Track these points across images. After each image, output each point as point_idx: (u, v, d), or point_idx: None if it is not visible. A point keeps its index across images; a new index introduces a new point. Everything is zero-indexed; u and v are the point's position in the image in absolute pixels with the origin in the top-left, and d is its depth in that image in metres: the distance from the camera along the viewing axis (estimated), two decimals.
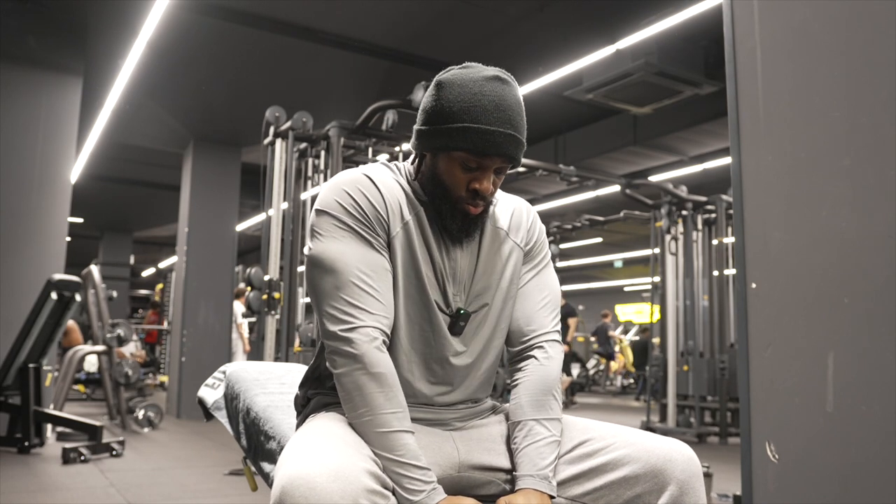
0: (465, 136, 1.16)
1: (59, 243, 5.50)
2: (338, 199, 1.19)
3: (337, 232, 1.18)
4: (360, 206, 1.18)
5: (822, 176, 1.45)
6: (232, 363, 1.62)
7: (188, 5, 4.96)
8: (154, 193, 10.76)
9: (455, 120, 1.17)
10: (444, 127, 1.18)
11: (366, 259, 1.17)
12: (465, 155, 1.18)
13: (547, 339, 1.33)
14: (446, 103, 1.18)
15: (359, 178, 1.21)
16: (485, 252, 1.30)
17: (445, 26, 5.51)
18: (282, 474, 0.98)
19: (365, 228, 1.18)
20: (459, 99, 1.17)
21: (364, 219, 1.18)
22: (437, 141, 1.19)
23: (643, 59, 5.18)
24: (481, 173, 1.19)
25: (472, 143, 1.16)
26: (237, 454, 4.29)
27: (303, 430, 1.17)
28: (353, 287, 1.14)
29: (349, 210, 1.18)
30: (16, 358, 4.85)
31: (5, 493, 3.49)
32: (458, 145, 1.17)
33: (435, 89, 1.22)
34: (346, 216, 1.18)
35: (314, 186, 5.18)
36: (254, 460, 1.40)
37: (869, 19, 1.40)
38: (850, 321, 1.40)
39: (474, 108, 1.16)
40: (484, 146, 1.16)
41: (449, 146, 1.18)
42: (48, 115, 5.47)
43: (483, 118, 1.16)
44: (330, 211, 1.18)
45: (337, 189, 1.20)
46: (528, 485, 1.17)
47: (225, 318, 7.94)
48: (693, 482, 1.17)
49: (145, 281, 18.80)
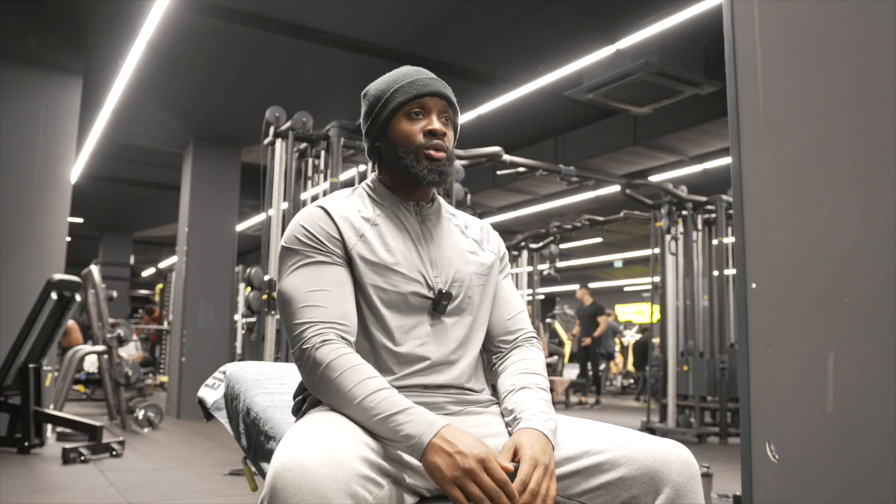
0: (397, 94, 1.33)
1: (59, 243, 5.50)
2: (293, 233, 1.30)
3: (293, 263, 1.28)
4: (310, 232, 1.29)
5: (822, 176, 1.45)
6: (232, 363, 1.62)
7: (188, 5, 4.96)
8: (154, 193, 10.76)
9: (385, 93, 1.35)
10: (380, 104, 1.35)
11: (317, 279, 1.25)
12: (405, 107, 1.33)
13: (529, 337, 1.43)
14: (372, 91, 1.38)
15: (311, 210, 1.33)
16: (459, 244, 1.40)
17: (445, 26, 5.52)
18: (275, 459, 0.99)
19: (316, 251, 1.27)
20: (380, 81, 1.38)
21: (315, 242, 1.28)
22: (380, 118, 1.34)
23: (643, 59, 5.18)
24: (427, 118, 1.33)
25: (404, 93, 1.33)
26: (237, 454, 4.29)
27: (298, 423, 1.18)
28: (304, 309, 1.22)
29: (301, 239, 1.28)
30: (16, 358, 4.85)
31: (5, 493, 3.49)
32: (395, 104, 1.33)
33: (362, 98, 1.41)
34: (299, 245, 1.28)
35: (314, 186, 5.18)
36: (254, 460, 1.40)
37: (869, 19, 1.40)
38: (850, 321, 1.40)
39: (395, 75, 1.37)
40: (416, 89, 1.33)
41: (389, 112, 1.33)
42: (48, 115, 5.47)
43: (405, 78, 1.35)
44: (287, 245, 1.30)
45: (293, 225, 1.32)
46: (527, 426, 1.18)
47: (225, 318, 7.94)
48: (689, 485, 1.15)
49: (145, 281, 18.78)
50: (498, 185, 9.17)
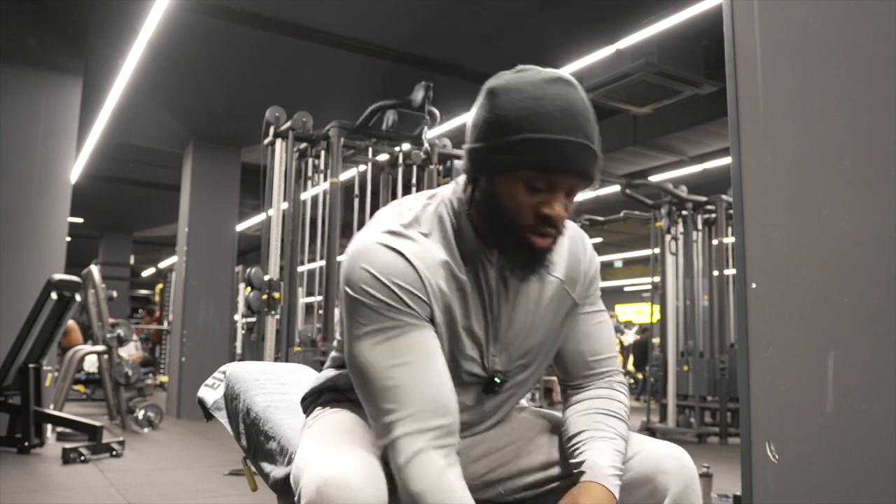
0: (527, 148, 0.98)
1: (59, 243, 5.50)
2: (361, 283, 1.02)
3: (366, 323, 1.03)
4: (388, 286, 1.02)
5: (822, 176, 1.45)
6: (232, 363, 1.62)
7: (188, 5, 4.96)
8: (154, 193, 10.76)
9: (514, 131, 0.98)
10: (502, 141, 0.99)
11: (401, 348, 1.02)
12: (529, 173, 0.99)
13: (616, 378, 1.23)
14: (501, 112, 0.99)
15: (386, 255, 1.03)
16: (534, 307, 1.15)
17: (445, 26, 5.51)
18: (314, 473, 0.95)
19: (396, 311, 1.02)
20: (518, 106, 0.99)
21: (394, 300, 1.02)
22: (494, 159, 1.01)
23: (643, 59, 5.18)
24: (550, 195, 1.01)
25: (537, 156, 0.98)
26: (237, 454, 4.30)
27: (320, 423, 1.14)
28: (388, 392, 1.01)
29: (375, 294, 1.02)
30: (16, 358, 4.84)
31: (5, 493, 3.49)
32: (520, 161, 0.99)
33: (486, 99, 1.03)
34: (372, 300, 1.02)
35: (314, 186, 5.17)
36: (254, 460, 1.40)
37: (869, 19, 1.40)
38: (850, 321, 1.40)
39: (537, 114, 0.98)
40: (552, 160, 0.98)
41: (509, 164, 0.99)
42: (48, 115, 5.47)
43: (548, 126, 0.98)
44: (354, 294, 1.03)
45: (359, 269, 1.03)
46: (591, 479, 1.07)
47: (225, 318, 7.94)
48: (687, 492, 1.12)
49: (145, 281, 18.78)
50: None
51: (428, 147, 5.06)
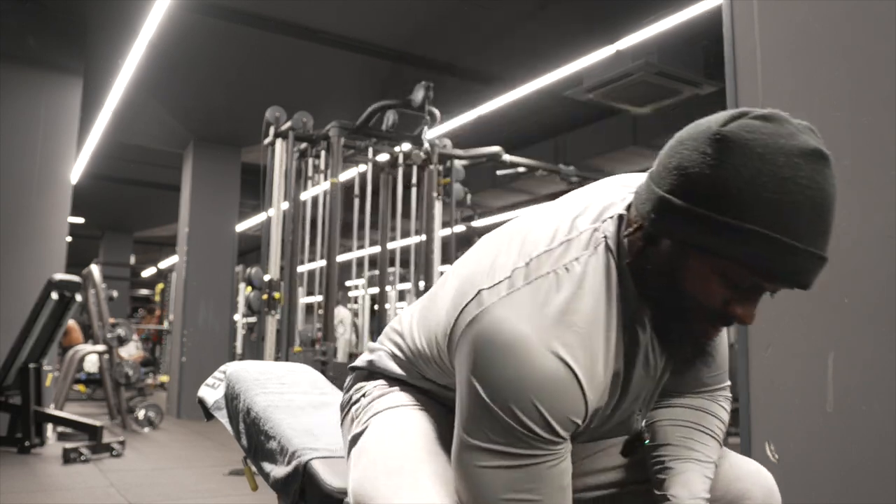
0: (756, 246, 0.75)
1: (60, 243, 5.50)
2: (522, 415, 0.81)
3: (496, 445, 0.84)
4: (551, 424, 0.82)
5: None
6: (232, 363, 1.62)
7: (188, 5, 4.96)
8: (154, 193, 10.76)
9: (745, 215, 0.75)
10: (723, 220, 0.76)
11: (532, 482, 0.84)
12: (742, 271, 0.79)
13: (721, 391, 1.14)
14: (735, 183, 0.75)
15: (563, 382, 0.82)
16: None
17: (445, 26, 5.51)
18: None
19: (547, 451, 0.84)
20: (758, 182, 0.74)
21: (552, 438, 0.83)
22: (704, 237, 0.78)
23: (643, 59, 5.18)
24: (751, 297, 0.83)
25: (765, 261, 0.77)
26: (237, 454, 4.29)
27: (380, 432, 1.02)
28: None
29: (533, 428, 0.82)
30: (16, 358, 4.85)
31: (5, 493, 3.49)
32: (738, 255, 0.77)
33: (715, 149, 0.76)
34: (524, 431, 0.82)
35: (314, 186, 5.17)
36: (254, 460, 1.40)
37: (869, 19, 1.40)
38: (850, 321, 1.40)
39: (782, 205, 0.74)
40: (782, 270, 0.78)
41: (721, 251, 0.77)
42: (48, 115, 5.47)
43: (793, 227, 0.75)
44: (503, 417, 0.82)
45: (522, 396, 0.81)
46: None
47: (225, 318, 7.94)
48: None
49: (146, 281, 18.78)
50: (498, 185, 9.16)
51: (428, 147, 5.06)
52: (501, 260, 0.90)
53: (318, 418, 1.43)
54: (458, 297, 0.91)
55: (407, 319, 1.10)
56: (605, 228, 0.89)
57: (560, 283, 0.85)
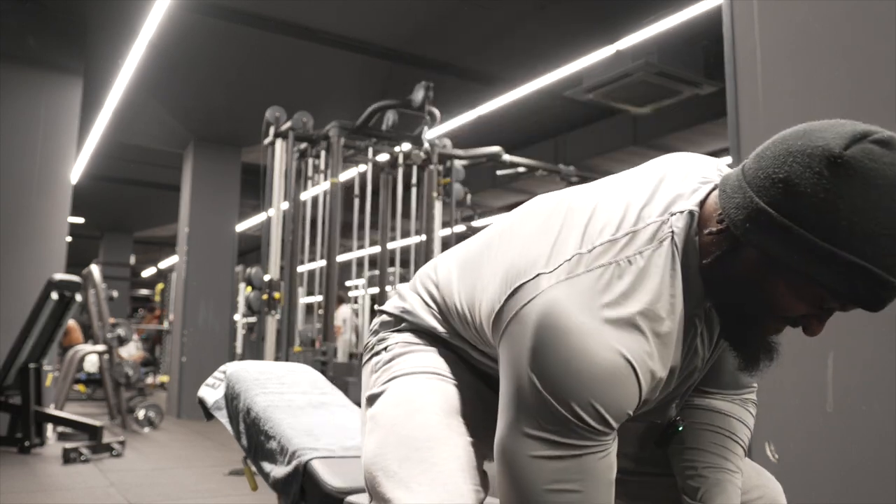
0: (853, 277, 0.74)
1: (60, 243, 5.50)
2: (580, 411, 0.81)
3: (545, 434, 0.83)
4: (605, 416, 0.82)
5: None
6: (232, 363, 1.62)
7: (188, 5, 4.96)
8: (154, 193, 10.76)
9: (850, 246, 0.73)
10: (828, 249, 0.74)
11: (577, 473, 0.83)
12: (825, 295, 0.79)
13: (752, 396, 1.13)
14: (848, 213, 0.73)
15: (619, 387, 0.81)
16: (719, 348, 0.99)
17: (445, 26, 5.51)
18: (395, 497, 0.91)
19: (598, 442, 0.83)
20: (873, 216, 0.72)
21: (604, 430, 0.83)
22: (802, 260, 0.76)
23: (643, 59, 5.18)
24: (824, 318, 0.84)
25: (858, 292, 0.76)
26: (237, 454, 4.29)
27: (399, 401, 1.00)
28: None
29: (587, 424, 0.81)
30: (16, 358, 4.85)
31: (5, 493, 3.49)
32: (835, 286, 0.76)
33: (834, 174, 0.73)
34: (579, 426, 0.81)
35: (314, 186, 5.18)
36: (254, 460, 1.41)
37: (869, 19, 1.40)
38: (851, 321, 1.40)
39: (891, 241, 0.73)
40: (871, 300, 0.77)
41: (818, 278, 0.76)
42: (48, 115, 5.47)
43: (891, 262, 0.74)
44: (559, 410, 0.81)
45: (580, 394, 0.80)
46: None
47: (225, 318, 7.94)
48: None
49: (146, 281, 18.79)
50: (498, 185, 9.16)
51: (428, 147, 5.06)
52: (562, 242, 0.87)
53: (318, 418, 1.43)
54: (512, 275, 0.88)
55: (444, 272, 1.06)
56: (674, 223, 0.86)
57: (622, 274, 0.83)
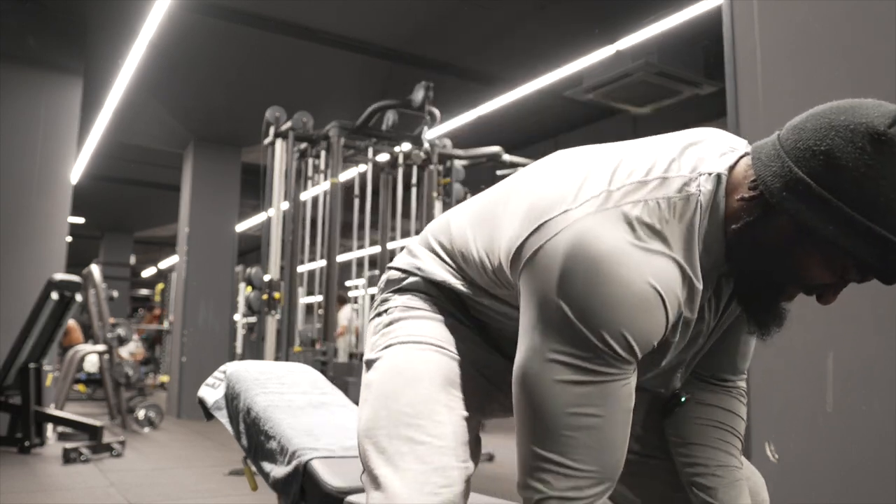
0: (888, 255, 0.78)
1: (60, 243, 5.50)
2: (608, 337, 0.81)
3: (569, 359, 0.83)
4: (633, 350, 0.83)
5: None
6: (232, 363, 1.62)
7: (188, 5, 4.96)
8: (154, 193, 10.76)
9: (888, 225, 0.76)
10: (864, 223, 0.76)
11: (598, 399, 0.84)
12: (851, 266, 0.82)
13: (743, 385, 1.14)
14: (886, 189, 0.76)
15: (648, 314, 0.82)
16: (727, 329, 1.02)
17: (445, 26, 5.51)
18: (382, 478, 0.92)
19: (617, 365, 0.84)
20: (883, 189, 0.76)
21: (629, 358, 0.84)
22: (837, 231, 0.78)
23: (643, 59, 5.18)
24: (841, 287, 0.86)
25: (889, 267, 0.79)
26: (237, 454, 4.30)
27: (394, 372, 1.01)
28: (554, 440, 0.84)
29: (614, 351, 0.82)
30: (16, 358, 4.85)
31: (5, 493, 3.49)
32: (867, 258, 0.79)
33: (877, 151, 0.76)
34: (605, 351, 0.82)
35: (314, 186, 5.18)
36: (254, 460, 1.41)
37: (869, 19, 1.40)
38: (850, 321, 1.40)
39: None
40: (891, 274, 0.80)
41: (851, 250, 0.78)
42: (48, 115, 5.47)
43: None
44: (587, 336, 0.82)
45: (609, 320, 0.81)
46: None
47: (225, 318, 7.94)
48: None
49: (146, 281, 18.79)
50: None
51: (428, 147, 5.06)
52: (589, 182, 0.88)
53: (318, 418, 1.43)
54: (535, 213, 0.88)
55: (458, 225, 1.06)
56: (703, 183, 0.86)
57: (651, 213, 0.84)
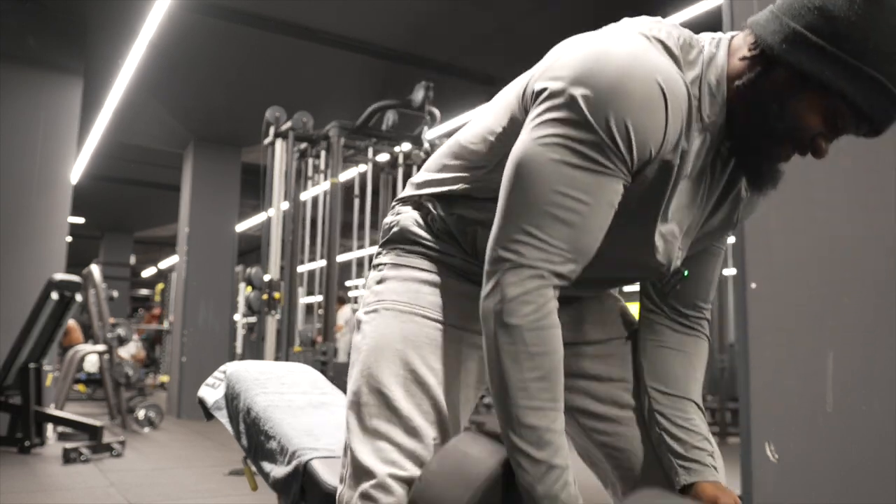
0: (876, 93, 0.82)
1: (60, 243, 5.50)
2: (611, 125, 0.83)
3: (566, 142, 0.85)
4: (631, 143, 0.84)
5: (822, 177, 1.45)
6: (232, 363, 1.62)
7: (188, 5, 4.96)
8: (154, 193, 10.77)
9: (876, 65, 0.81)
10: (856, 65, 0.81)
11: (583, 186, 0.85)
12: (849, 112, 0.85)
13: (704, 320, 1.16)
14: (875, 35, 0.81)
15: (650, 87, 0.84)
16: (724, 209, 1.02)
17: (445, 26, 5.51)
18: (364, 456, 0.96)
19: (611, 156, 0.85)
20: (865, 27, 0.80)
21: (624, 150, 0.85)
22: (832, 75, 0.82)
23: None
24: (836, 135, 0.89)
25: (875, 106, 0.83)
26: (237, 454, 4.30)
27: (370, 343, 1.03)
28: (538, 214, 0.85)
29: (614, 141, 0.84)
30: (16, 358, 4.85)
31: (5, 493, 3.49)
32: (857, 99, 0.83)
33: (865, 2, 0.81)
34: (605, 139, 0.84)
35: (314, 186, 5.18)
36: (254, 460, 1.40)
37: None
38: (850, 321, 1.40)
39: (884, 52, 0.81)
40: (882, 116, 0.84)
41: (846, 93, 0.83)
42: (48, 115, 5.47)
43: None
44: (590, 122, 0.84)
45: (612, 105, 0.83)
46: (713, 477, 1.09)
47: (225, 318, 7.94)
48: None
49: (146, 281, 18.80)
50: None
51: (428, 147, 5.06)
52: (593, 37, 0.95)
53: (318, 418, 1.43)
54: (543, 62, 1.00)
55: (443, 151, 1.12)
56: (706, 43, 0.94)
57: (668, 36, 0.92)
